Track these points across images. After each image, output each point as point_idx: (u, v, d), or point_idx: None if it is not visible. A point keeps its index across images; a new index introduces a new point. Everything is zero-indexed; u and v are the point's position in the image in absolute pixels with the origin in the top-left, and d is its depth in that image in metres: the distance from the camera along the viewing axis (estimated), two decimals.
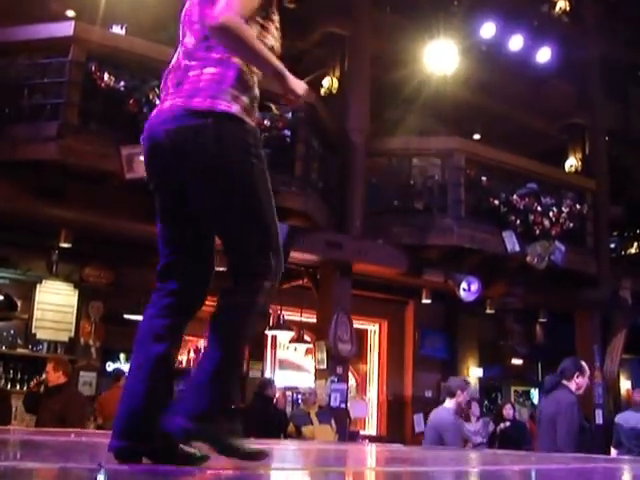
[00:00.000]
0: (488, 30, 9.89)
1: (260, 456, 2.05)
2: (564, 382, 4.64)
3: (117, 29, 7.61)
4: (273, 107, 7.62)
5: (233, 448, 1.99)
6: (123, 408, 2.02)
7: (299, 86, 2.12)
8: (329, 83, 9.26)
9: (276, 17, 2.16)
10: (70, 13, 8.43)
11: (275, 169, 6.97)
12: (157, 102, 2.22)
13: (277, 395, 7.95)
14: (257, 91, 2.12)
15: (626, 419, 6.16)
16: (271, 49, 2.09)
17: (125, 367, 8.31)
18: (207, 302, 2.17)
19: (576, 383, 4.63)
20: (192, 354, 9.10)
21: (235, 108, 2.00)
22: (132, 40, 7.07)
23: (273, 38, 2.13)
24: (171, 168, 2.03)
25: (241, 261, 2.03)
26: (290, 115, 7.44)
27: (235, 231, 2.03)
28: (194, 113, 1.98)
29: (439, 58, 9.28)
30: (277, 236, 2.05)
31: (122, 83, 6.50)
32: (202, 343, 9.42)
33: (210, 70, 2.03)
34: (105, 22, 7.43)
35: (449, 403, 5.66)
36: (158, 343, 2.03)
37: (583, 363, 4.87)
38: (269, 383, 7.64)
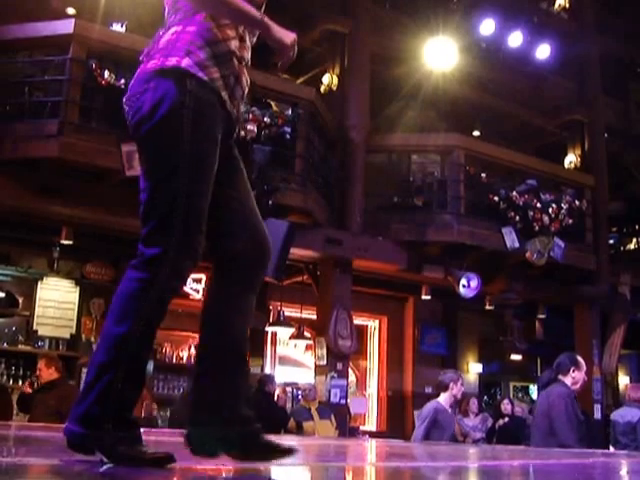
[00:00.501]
0: (487, 27, 9.89)
1: (166, 461, 1.78)
2: (560, 377, 4.60)
3: (117, 27, 7.61)
4: (273, 104, 7.67)
5: (129, 456, 1.77)
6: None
7: (286, 35, 1.90)
8: (329, 80, 9.27)
9: None
10: (70, 11, 8.42)
11: (275, 166, 7.03)
12: None
13: (277, 391, 7.98)
14: (234, 48, 1.89)
15: (622, 415, 6.19)
16: (250, 1, 1.87)
17: None
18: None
19: (572, 378, 4.58)
20: (192, 350, 9.14)
21: (186, 62, 1.78)
22: (132, 37, 7.06)
23: None
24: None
25: (142, 236, 1.79)
26: (290, 112, 7.45)
27: (146, 200, 1.79)
28: (146, 75, 1.81)
29: (438, 55, 9.28)
30: (194, 219, 1.78)
31: (122, 81, 6.51)
32: None
33: (172, 30, 1.86)
34: (105, 20, 7.44)
35: (443, 397, 5.71)
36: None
37: (579, 358, 4.82)
38: (269, 379, 7.67)
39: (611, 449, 6.16)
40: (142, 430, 2.15)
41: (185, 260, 1.79)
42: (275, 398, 7.81)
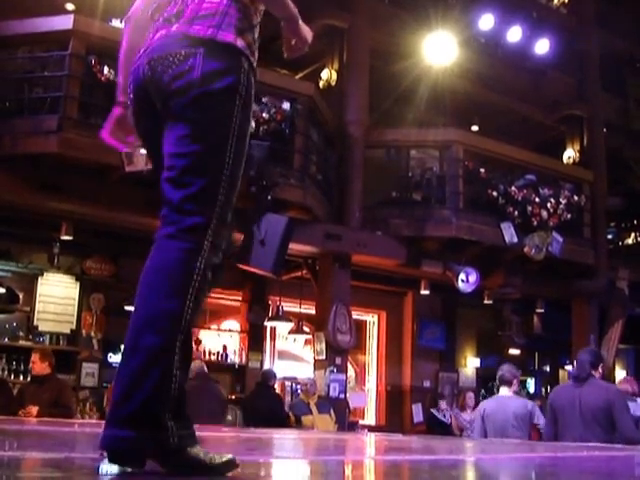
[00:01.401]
0: (487, 22, 9.88)
1: (234, 466, 1.61)
2: (593, 372, 4.66)
3: (117, 22, 7.61)
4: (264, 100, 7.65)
5: (199, 462, 1.57)
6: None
7: (308, 33, 1.93)
8: (328, 75, 9.27)
9: None
10: (70, 6, 8.42)
11: (274, 161, 7.04)
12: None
13: (276, 386, 8.02)
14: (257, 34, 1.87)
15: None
16: None
17: None
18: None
19: (599, 374, 4.71)
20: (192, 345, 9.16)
21: (238, 40, 1.75)
22: None
23: None
24: (157, 94, 1.73)
25: (174, 203, 1.67)
26: (288, 107, 7.46)
27: (184, 163, 1.68)
28: (190, 39, 1.70)
29: (438, 50, 9.27)
30: (230, 197, 1.71)
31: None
32: (202, 334, 9.49)
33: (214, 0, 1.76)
34: (105, 15, 7.44)
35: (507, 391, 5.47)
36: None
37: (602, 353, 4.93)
38: (272, 374, 7.71)
39: None
40: None
41: (223, 233, 1.70)
42: (278, 393, 7.85)
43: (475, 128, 11.55)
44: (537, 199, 9.18)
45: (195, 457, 1.54)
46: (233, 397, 8.90)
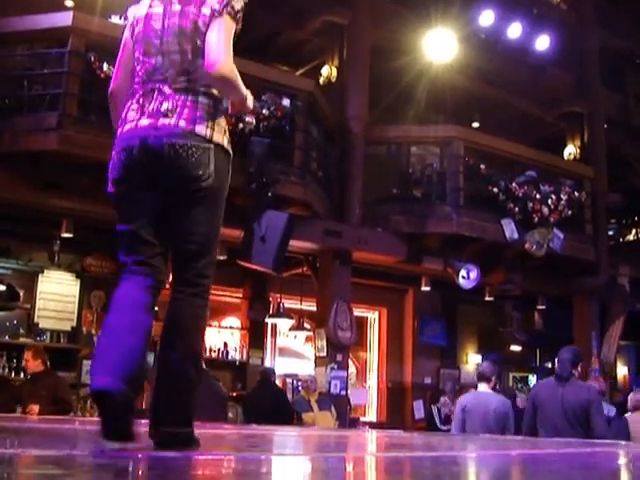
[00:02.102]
0: (487, 18, 9.86)
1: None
2: (574, 371, 4.87)
3: (116, 19, 7.59)
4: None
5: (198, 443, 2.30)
6: (117, 354, 2.13)
7: (251, 100, 2.49)
8: (328, 72, 9.25)
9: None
10: (69, 3, 8.40)
11: (274, 158, 7.02)
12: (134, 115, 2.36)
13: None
14: None
15: None
16: None
17: None
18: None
19: (578, 372, 4.91)
20: None
21: (225, 141, 2.36)
22: None
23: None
24: (167, 177, 2.26)
25: (195, 269, 2.31)
26: (288, 104, 7.44)
27: (201, 241, 2.31)
28: (199, 137, 2.28)
29: (438, 46, 9.26)
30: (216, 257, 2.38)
31: None
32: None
33: (203, 101, 2.33)
34: (104, 12, 7.41)
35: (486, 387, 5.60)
36: (149, 316, 2.25)
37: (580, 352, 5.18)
38: (272, 372, 7.70)
39: None
40: (143, 421, 2.16)
41: None
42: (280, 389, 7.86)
43: (476, 124, 11.54)
44: (538, 195, 9.16)
45: (197, 440, 2.30)
46: (234, 394, 8.90)
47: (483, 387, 5.58)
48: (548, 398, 4.87)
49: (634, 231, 12.45)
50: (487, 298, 10.13)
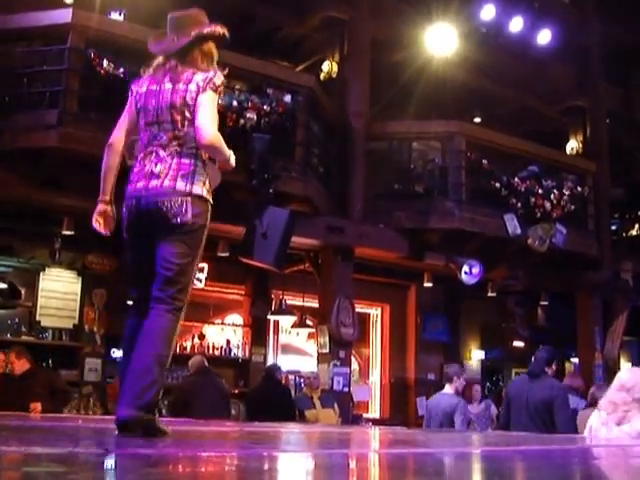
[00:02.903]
0: (488, 12, 9.82)
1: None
2: (546, 369, 5.09)
3: (115, 15, 7.57)
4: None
5: (162, 430, 2.78)
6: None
7: (233, 158, 2.98)
8: (329, 67, 9.22)
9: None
10: (68, 0, 8.37)
11: (275, 154, 6.99)
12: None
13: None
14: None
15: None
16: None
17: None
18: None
19: (552, 370, 5.15)
20: (196, 340, 9.16)
21: (204, 192, 2.88)
22: (131, 26, 7.03)
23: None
24: (156, 226, 2.84)
25: (169, 292, 2.84)
26: (289, 100, 7.42)
27: (177, 269, 2.84)
28: (179, 192, 2.83)
29: (439, 41, 9.22)
30: (193, 281, 2.94)
31: (121, 70, 6.48)
32: (206, 328, 9.49)
33: (186, 161, 2.87)
34: (103, 8, 7.39)
35: (448, 388, 6.14)
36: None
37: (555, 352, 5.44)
38: (277, 368, 7.69)
39: None
40: None
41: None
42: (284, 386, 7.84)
43: (477, 119, 11.50)
44: (540, 190, 9.13)
45: (161, 426, 2.78)
46: (236, 391, 8.89)
47: (446, 388, 6.16)
48: (517, 394, 5.14)
49: (637, 226, 12.40)
50: (490, 294, 10.11)
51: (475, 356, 11.69)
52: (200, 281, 8.25)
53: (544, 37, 10.24)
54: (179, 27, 3.01)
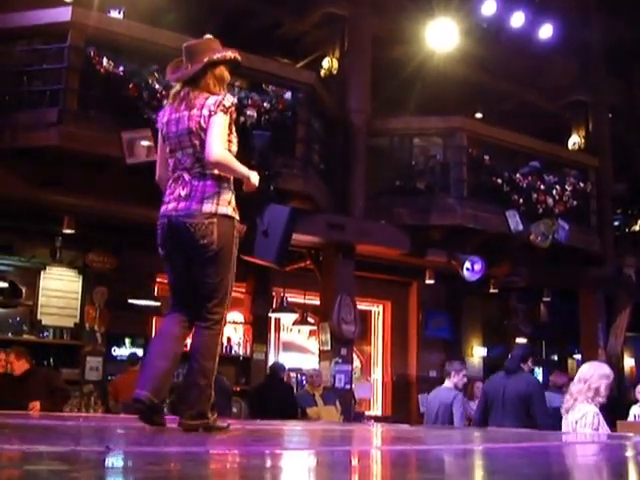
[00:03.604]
0: (489, 7, 9.78)
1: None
2: (522, 365, 5.29)
3: (115, 13, 7.55)
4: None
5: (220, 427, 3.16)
6: (148, 374, 3.12)
7: (255, 178, 3.18)
8: (329, 64, 9.18)
9: (233, 128, 3.19)
10: None
11: (276, 151, 6.98)
12: (168, 200, 3.17)
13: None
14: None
15: (549, 401, 6.32)
16: (234, 153, 3.14)
17: (135, 351, 8.38)
18: None
19: (528, 366, 5.41)
20: None
21: (229, 210, 3.11)
22: (130, 24, 7.03)
23: (234, 146, 3.17)
24: (186, 244, 3.09)
25: (207, 308, 3.13)
26: (290, 96, 7.40)
27: (212, 286, 3.12)
28: (205, 214, 3.06)
29: (440, 37, 9.19)
30: (231, 291, 3.19)
31: (121, 68, 6.46)
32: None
33: (210, 183, 3.09)
34: (103, 6, 7.38)
35: (447, 382, 6.30)
36: (178, 344, 3.19)
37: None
38: (281, 367, 7.68)
39: None
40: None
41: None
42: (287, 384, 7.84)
43: (478, 115, 11.47)
44: (542, 186, 9.11)
45: (218, 425, 3.14)
46: (238, 389, 8.89)
47: (445, 382, 6.32)
48: (494, 391, 5.30)
49: None
50: (492, 290, 10.09)
51: (477, 353, 11.67)
52: None
53: (546, 32, 10.20)
54: (193, 55, 3.19)
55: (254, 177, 3.18)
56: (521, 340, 11.59)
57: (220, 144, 3.03)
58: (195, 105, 3.11)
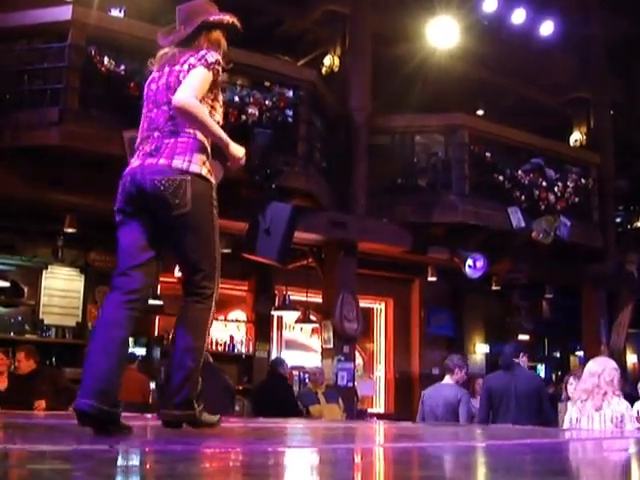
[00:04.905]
0: (490, 4, 9.76)
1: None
2: (516, 360, 5.37)
3: (116, 12, 7.54)
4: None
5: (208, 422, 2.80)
6: (91, 377, 2.56)
7: (239, 151, 2.85)
8: (330, 62, 9.18)
9: (221, 97, 2.91)
10: None
11: (277, 149, 6.97)
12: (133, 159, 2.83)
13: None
14: (210, 151, 2.84)
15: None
16: (218, 123, 2.80)
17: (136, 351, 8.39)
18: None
19: (522, 361, 5.46)
20: None
21: (204, 170, 2.74)
22: (131, 23, 7.01)
23: (219, 115, 2.86)
24: (154, 206, 2.69)
25: (194, 282, 2.77)
26: (291, 94, 7.39)
27: (195, 258, 2.76)
28: (176, 170, 2.68)
29: (441, 34, 9.18)
30: (219, 265, 2.81)
31: (122, 67, 6.46)
32: None
33: (182, 140, 2.73)
34: (103, 5, 7.37)
35: (449, 379, 6.12)
36: (122, 330, 2.64)
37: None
38: (279, 362, 7.67)
39: None
40: (149, 415, 2.12)
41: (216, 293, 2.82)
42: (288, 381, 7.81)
43: (480, 112, 11.45)
44: (544, 183, 9.09)
45: (206, 419, 2.78)
46: (240, 388, 8.89)
47: (446, 379, 6.09)
48: (502, 388, 5.32)
49: None
50: (494, 287, 10.08)
51: (479, 350, 11.66)
52: None
53: (547, 29, 10.19)
54: (187, 18, 2.93)
55: (237, 149, 2.84)
56: (523, 337, 11.60)
57: (191, 91, 2.68)
58: (179, 62, 2.82)
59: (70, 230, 7.36)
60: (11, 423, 3.54)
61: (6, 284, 8.10)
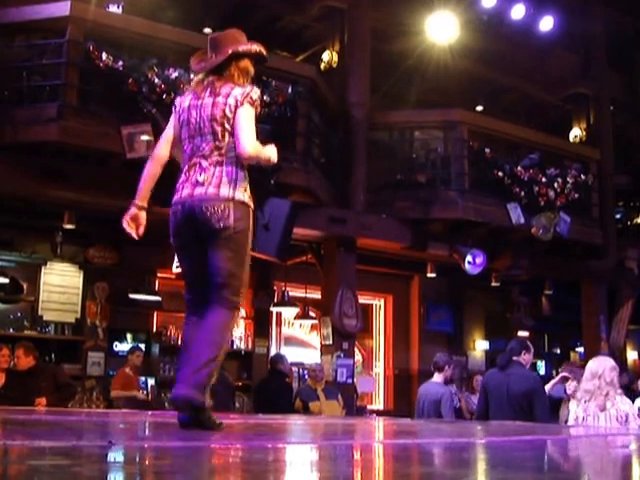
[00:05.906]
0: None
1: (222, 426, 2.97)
2: (515, 359, 5.21)
3: (114, 8, 7.53)
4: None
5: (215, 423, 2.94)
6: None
7: (274, 154, 3.15)
8: (329, 57, 9.15)
9: None
10: None
11: (276, 145, 6.93)
12: (181, 189, 3.10)
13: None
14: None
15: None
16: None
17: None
18: None
19: (524, 359, 5.26)
20: None
21: (245, 197, 3.07)
22: (129, 19, 6.99)
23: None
24: (202, 229, 3.02)
25: (223, 294, 3.02)
26: (290, 90, 7.37)
27: (227, 274, 3.02)
28: (223, 198, 3.01)
29: (440, 29, 9.14)
30: (247, 283, 3.09)
31: (121, 63, 6.44)
32: None
33: (228, 169, 3.05)
34: (101, 1, 7.35)
35: (437, 377, 6.22)
36: None
37: (528, 342, 5.52)
38: (278, 358, 7.67)
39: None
40: (150, 413, 2.12)
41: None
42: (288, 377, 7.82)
43: (479, 108, 11.43)
44: (543, 179, 9.08)
45: (210, 417, 2.91)
46: (240, 384, 8.89)
47: (435, 377, 6.24)
48: (496, 387, 5.29)
49: None
50: (494, 284, 10.07)
51: (479, 346, 11.67)
52: None
53: (547, 24, 10.16)
54: (217, 46, 3.20)
55: (274, 154, 3.15)
56: (523, 333, 11.60)
57: (252, 138, 3.03)
58: (220, 93, 3.09)
59: (69, 226, 7.35)
60: (12, 419, 3.54)
61: (5, 280, 8.10)
